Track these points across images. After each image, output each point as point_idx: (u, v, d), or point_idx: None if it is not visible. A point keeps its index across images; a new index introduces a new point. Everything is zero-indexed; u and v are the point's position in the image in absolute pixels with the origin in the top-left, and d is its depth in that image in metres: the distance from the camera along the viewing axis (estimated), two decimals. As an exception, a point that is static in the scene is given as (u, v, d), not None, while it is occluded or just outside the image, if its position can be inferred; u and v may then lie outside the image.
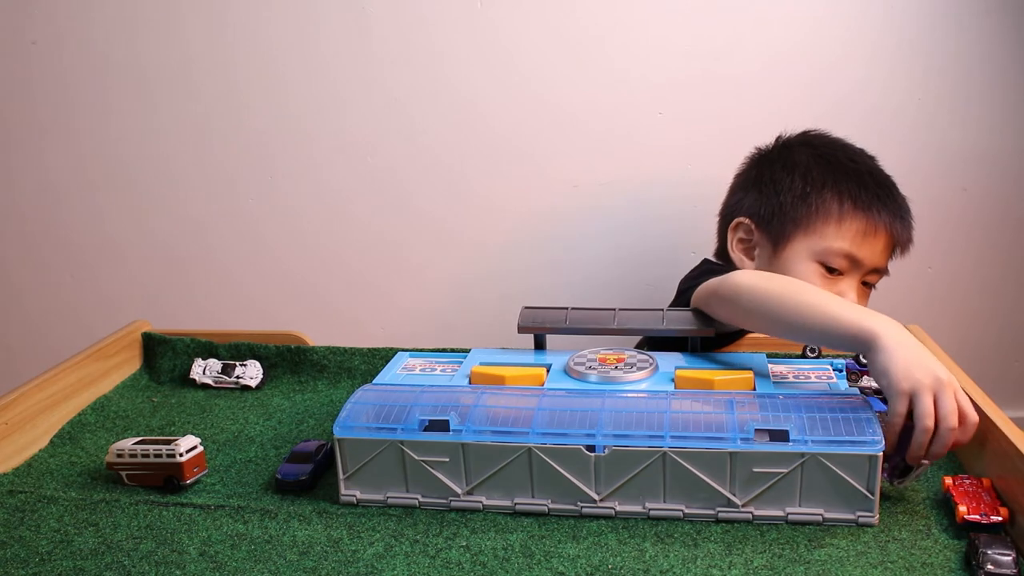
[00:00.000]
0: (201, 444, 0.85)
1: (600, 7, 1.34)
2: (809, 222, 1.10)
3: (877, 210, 1.09)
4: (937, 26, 1.32)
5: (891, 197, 1.11)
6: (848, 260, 1.09)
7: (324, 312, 1.50)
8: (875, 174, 1.12)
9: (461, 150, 1.41)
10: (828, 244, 1.09)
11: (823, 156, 1.13)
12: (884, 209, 1.10)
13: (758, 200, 1.14)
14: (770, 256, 1.13)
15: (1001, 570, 0.65)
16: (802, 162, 1.13)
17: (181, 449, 0.83)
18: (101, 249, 1.50)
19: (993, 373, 1.44)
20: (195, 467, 0.84)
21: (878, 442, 0.72)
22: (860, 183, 1.10)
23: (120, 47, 1.40)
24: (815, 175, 1.11)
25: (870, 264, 1.10)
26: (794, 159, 1.14)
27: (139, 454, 0.84)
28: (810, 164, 1.12)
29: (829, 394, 0.81)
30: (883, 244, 1.10)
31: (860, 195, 1.09)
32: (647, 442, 0.74)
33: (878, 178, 1.12)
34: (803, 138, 1.17)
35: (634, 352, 0.90)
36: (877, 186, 1.11)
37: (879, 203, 1.10)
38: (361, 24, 1.36)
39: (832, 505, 0.74)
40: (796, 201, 1.10)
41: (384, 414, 0.80)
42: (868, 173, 1.12)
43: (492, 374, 0.87)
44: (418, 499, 0.79)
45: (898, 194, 1.13)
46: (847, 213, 1.09)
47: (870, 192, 1.10)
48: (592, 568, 0.69)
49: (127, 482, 0.85)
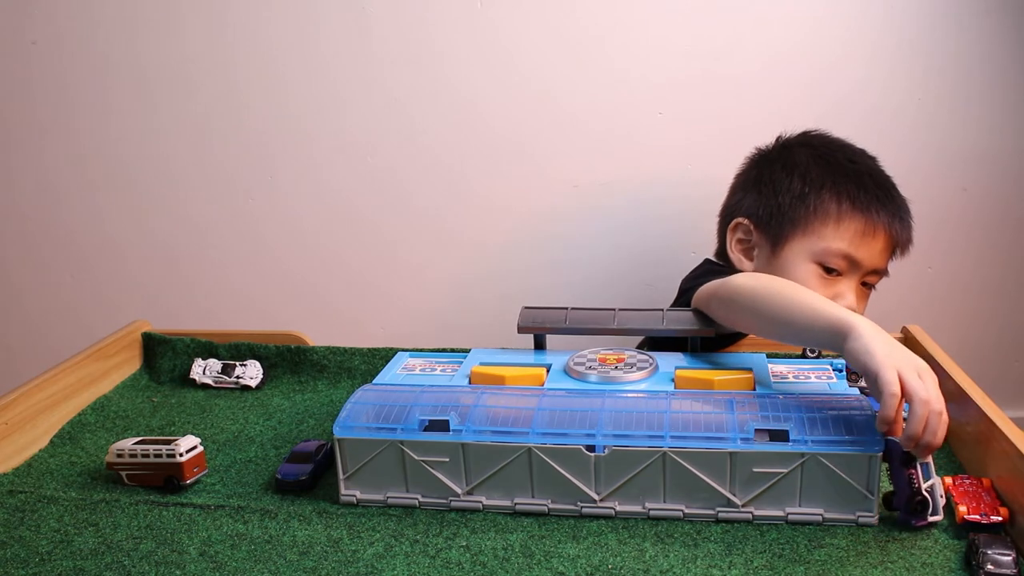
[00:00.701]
0: (201, 444, 0.85)
1: (600, 7, 1.34)
2: (807, 223, 1.09)
3: (876, 211, 1.09)
4: (937, 26, 1.32)
5: (890, 198, 1.11)
6: (847, 261, 1.09)
7: (324, 312, 1.50)
8: (874, 175, 1.12)
9: (461, 150, 1.41)
10: (826, 245, 1.08)
11: (822, 156, 1.13)
12: (883, 210, 1.09)
13: (757, 200, 1.14)
14: (768, 256, 1.13)
15: (1001, 570, 0.65)
16: (801, 162, 1.12)
17: (181, 449, 0.83)
18: (101, 249, 1.50)
19: (993, 373, 1.44)
20: (195, 467, 0.84)
21: (878, 442, 0.72)
22: (859, 184, 1.10)
23: (120, 47, 1.40)
24: (814, 176, 1.11)
25: (869, 265, 1.10)
26: (793, 159, 1.14)
27: (139, 454, 0.84)
28: (809, 164, 1.12)
29: (829, 394, 0.81)
30: (882, 245, 1.10)
31: (859, 196, 1.09)
32: (647, 442, 0.74)
33: (877, 179, 1.12)
34: (803, 138, 1.17)
35: (634, 352, 0.90)
36: (876, 187, 1.10)
37: (878, 204, 1.09)
38: (361, 24, 1.36)
39: (832, 505, 0.74)
40: (794, 202, 1.10)
41: (384, 414, 0.80)
42: (867, 174, 1.11)
43: (492, 374, 0.87)
44: (418, 499, 0.79)
45: (897, 195, 1.12)
46: (845, 214, 1.08)
47: (869, 193, 1.09)
48: (592, 568, 0.69)
49: (127, 482, 0.85)
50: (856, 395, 0.80)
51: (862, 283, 1.12)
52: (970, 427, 0.82)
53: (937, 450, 0.86)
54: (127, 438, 0.88)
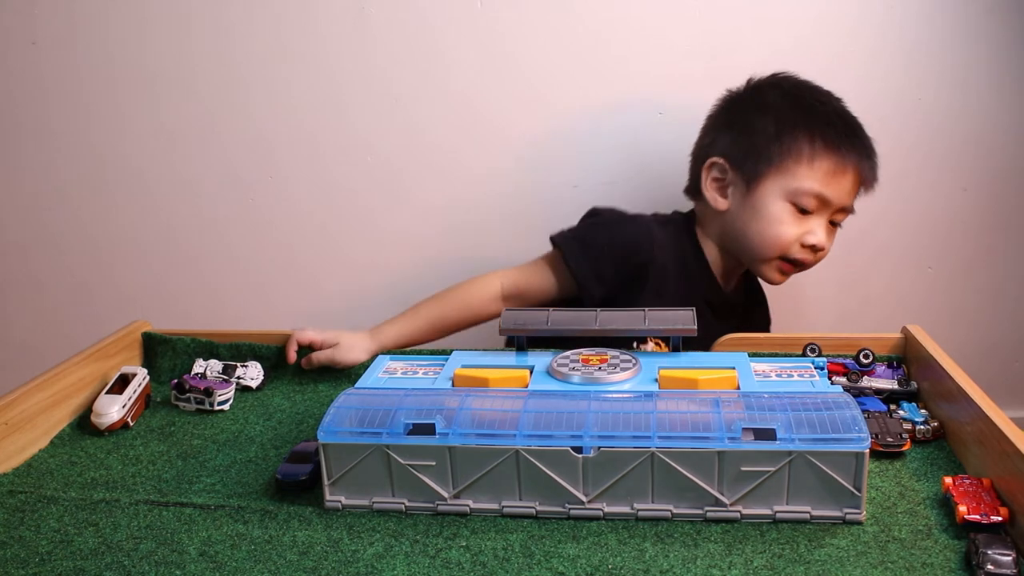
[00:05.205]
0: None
1: (600, 7, 1.34)
2: (781, 161, 1.12)
3: (846, 149, 1.12)
4: (937, 26, 1.32)
5: (858, 137, 1.14)
6: (818, 200, 1.12)
7: (325, 312, 1.50)
8: (843, 115, 1.15)
9: (461, 150, 1.41)
10: (799, 184, 1.11)
11: (794, 97, 1.15)
12: (852, 149, 1.12)
13: (732, 140, 1.16)
14: (743, 194, 1.15)
15: (1001, 570, 0.65)
16: (774, 104, 1.15)
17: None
18: (101, 249, 1.50)
19: (993, 373, 1.44)
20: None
21: (864, 439, 0.72)
22: (829, 123, 1.12)
23: (120, 47, 1.40)
24: (786, 116, 1.13)
25: (838, 203, 1.13)
26: (765, 100, 1.16)
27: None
28: (781, 105, 1.14)
29: (813, 392, 0.81)
30: (851, 183, 1.13)
31: (829, 135, 1.11)
32: (635, 443, 0.74)
33: (846, 119, 1.14)
34: (773, 80, 1.19)
35: (617, 352, 0.90)
36: (845, 126, 1.13)
37: (848, 143, 1.12)
38: (361, 24, 1.36)
39: (819, 502, 0.74)
40: (769, 141, 1.12)
41: (368, 418, 0.79)
42: (836, 114, 1.14)
43: (476, 376, 0.86)
44: (404, 504, 0.78)
45: (864, 135, 1.15)
46: (818, 152, 1.11)
47: (839, 132, 1.12)
48: (592, 568, 0.69)
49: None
50: (840, 392, 0.80)
51: (830, 221, 1.15)
52: (970, 427, 0.82)
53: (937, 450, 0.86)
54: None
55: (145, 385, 1.03)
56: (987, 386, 0.85)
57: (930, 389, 0.94)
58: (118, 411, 0.97)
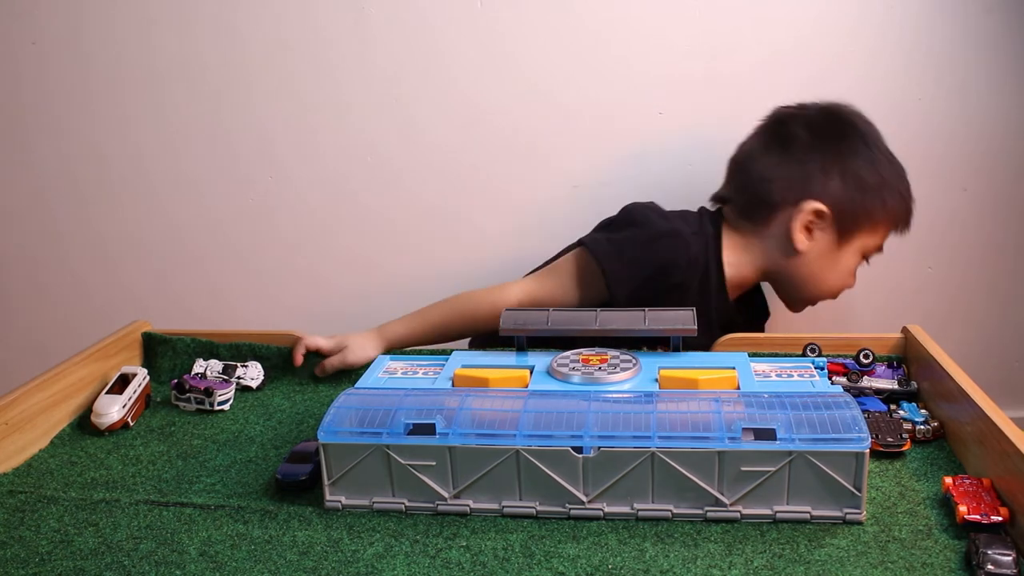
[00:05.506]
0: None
1: (600, 6, 1.34)
2: (875, 221, 1.12)
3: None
4: (937, 26, 1.32)
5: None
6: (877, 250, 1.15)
7: (325, 313, 1.50)
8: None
9: (461, 150, 1.41)
10: (878, 242, 1.14)
11: (890, 154, 1.14)
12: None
13: (843, 192, 1.10)
14: (830, 243, 1.12)
15: (1001, 570, 0.65)
16: (880, 161, 1.12)
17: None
18: (102, 249, 1.50)
19: (993, 373, 1.43)
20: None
21: (864, 439, 0.72)
22: (907, 182, 1.14)
23: (121, 48, 1.40)
24: (892, 178, 1.13)
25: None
26: (872, 154, 1.12)
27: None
28: (887, 165, 1.13)
29: (813, 392, 0.81)
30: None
31: (910, 196, 1.14)
32: (635, 443, 0.74)
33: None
34: (860, 117, 1.15)
35: (617, 352, 0.90)
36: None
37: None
38: (361, 24, 1.36)
39: (819, 502, 0.74)
40: (876, 204, 1.11)
41: (369, 418, 0.79)
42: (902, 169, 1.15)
43: (476, 376, 0.87)
44: (404, 504, 0.78)
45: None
46: (901, 216, 1.13)
47: (910, 192, 1.14)
48: (592, 568, 0.69)
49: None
50: (840, 392, 0.80)
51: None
52: (970, 427, 0.82)
53: (937, 450, 0.86)
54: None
55: (145, 385, 1.03)
56: (987, 386, 0.85)
57: (930, 389, 0.94)
58: (118, 411, 0.97)
